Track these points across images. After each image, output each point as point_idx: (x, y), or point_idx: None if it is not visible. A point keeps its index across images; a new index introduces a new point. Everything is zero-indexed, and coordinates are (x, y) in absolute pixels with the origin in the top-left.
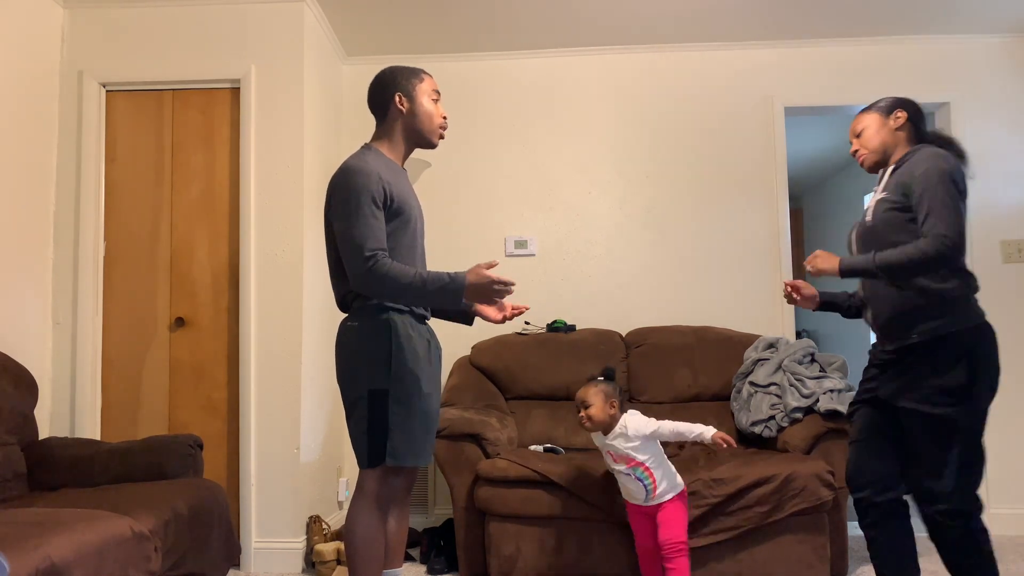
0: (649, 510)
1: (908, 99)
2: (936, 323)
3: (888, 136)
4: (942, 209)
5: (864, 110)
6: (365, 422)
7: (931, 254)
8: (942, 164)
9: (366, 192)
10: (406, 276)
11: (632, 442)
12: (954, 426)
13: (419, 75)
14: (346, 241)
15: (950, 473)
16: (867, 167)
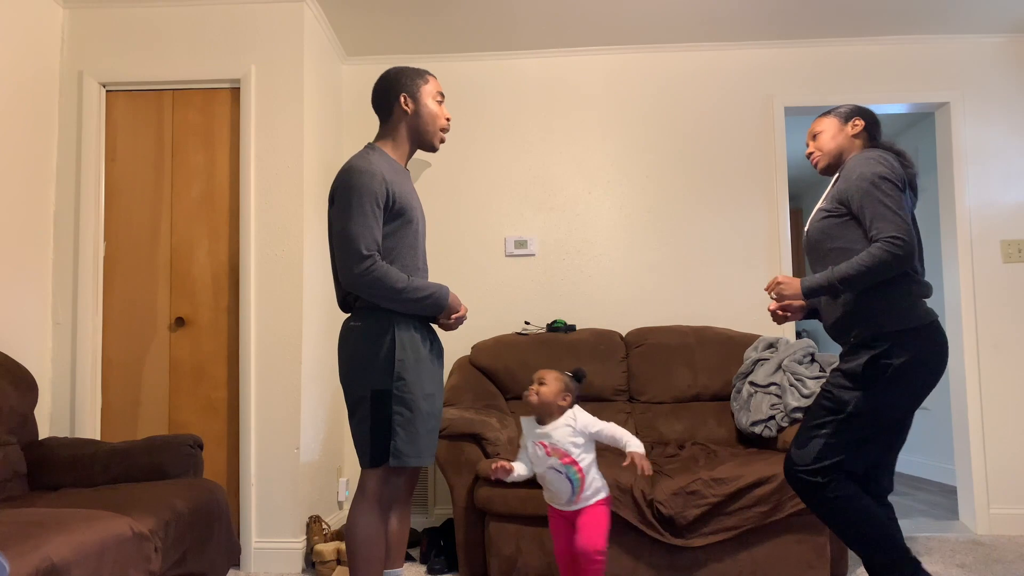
0: (570, 515)
1: (867, 109)
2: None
3: (844, 142)
4: (884, 212)
5: (823, 114)
6: (368, 422)
7: (885, 259)
8: (874, 167)
9: (368, 192)
10: (399, 281)
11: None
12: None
13: (424, 76)
14: (343, 239)
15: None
16: (820, 169)
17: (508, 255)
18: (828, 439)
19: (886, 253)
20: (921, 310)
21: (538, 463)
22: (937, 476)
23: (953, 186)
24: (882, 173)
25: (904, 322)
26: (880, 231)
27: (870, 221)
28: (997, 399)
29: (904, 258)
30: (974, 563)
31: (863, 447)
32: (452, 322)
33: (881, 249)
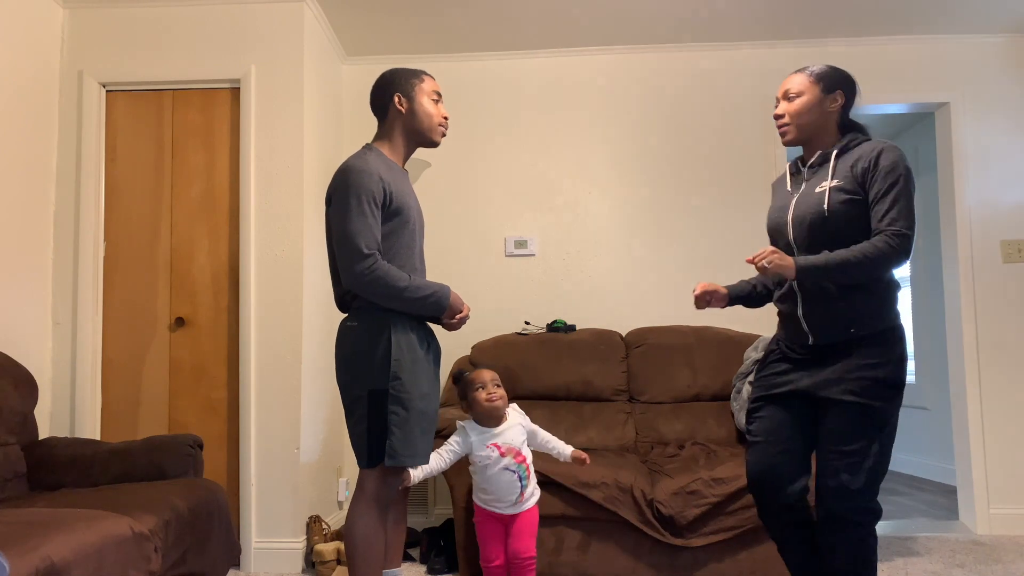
0: (506, 518)
1: (848, 77)
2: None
3: (820, 117)
4: (908, 208)
5: (801, 71)
6: (364, 422)
7: (889, 254)
8: (905, 161)
9: (366, 191)
10: (400, 280)
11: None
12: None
13: (419, 76)
14: (343, 238)
15: (866, 468)
16: (787, 141)
17: (508, 255)
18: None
19: (890, 248)
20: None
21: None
22: (937, 476)
23: (953, 186)
24: (910, 168)
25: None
26: (893, 222)
27: (888, 211)
28: (997, 399)
29: (903, 255)
30: (974, 563)
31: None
32: (455, 322)
33: (887, 243)
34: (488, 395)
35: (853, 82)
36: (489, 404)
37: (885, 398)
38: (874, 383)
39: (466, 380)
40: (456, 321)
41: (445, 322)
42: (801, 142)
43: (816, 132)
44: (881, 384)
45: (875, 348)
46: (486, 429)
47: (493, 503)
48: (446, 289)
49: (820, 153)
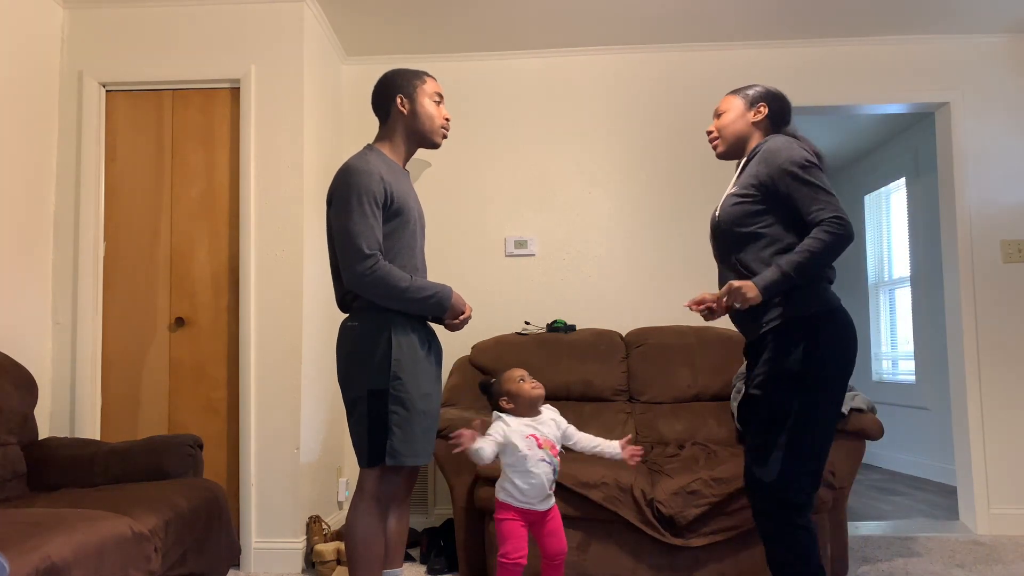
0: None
1: (777, 94)
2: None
3: (744, 128)
4: (820, 194)
5: (732, 92)
6: (365, 422)
7: (831, 241)
8: (799, 152)
9: (367, 192)
10: (402, 281)
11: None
12: (786, 412)
13: (421, 77)
14: (344, 239)
15: (776, 459)
16: (719, 153)
17: (508, 255)
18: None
19: (831, 235)
20: (829, 293)
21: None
22: (937, 476)
23: (953, 186)
24: (808, 158)
25: (816, 305)
26: (819, 214)
27: (806, 205)
28: (997, 399)
29: (847, 237)
30: (974, 563)
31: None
32: (456, 323)
33: (826, 232)
34: (533, 384)
35: (778, 97)
36: (536, 392)
37: (784, 390)
38: (772, 376)
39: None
40: (458, 322)
41: (447, 322)
42: (729, 154)
43: (742, 143)
44: (779, 376)
45: (779, 341)
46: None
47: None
48: (448, 290)
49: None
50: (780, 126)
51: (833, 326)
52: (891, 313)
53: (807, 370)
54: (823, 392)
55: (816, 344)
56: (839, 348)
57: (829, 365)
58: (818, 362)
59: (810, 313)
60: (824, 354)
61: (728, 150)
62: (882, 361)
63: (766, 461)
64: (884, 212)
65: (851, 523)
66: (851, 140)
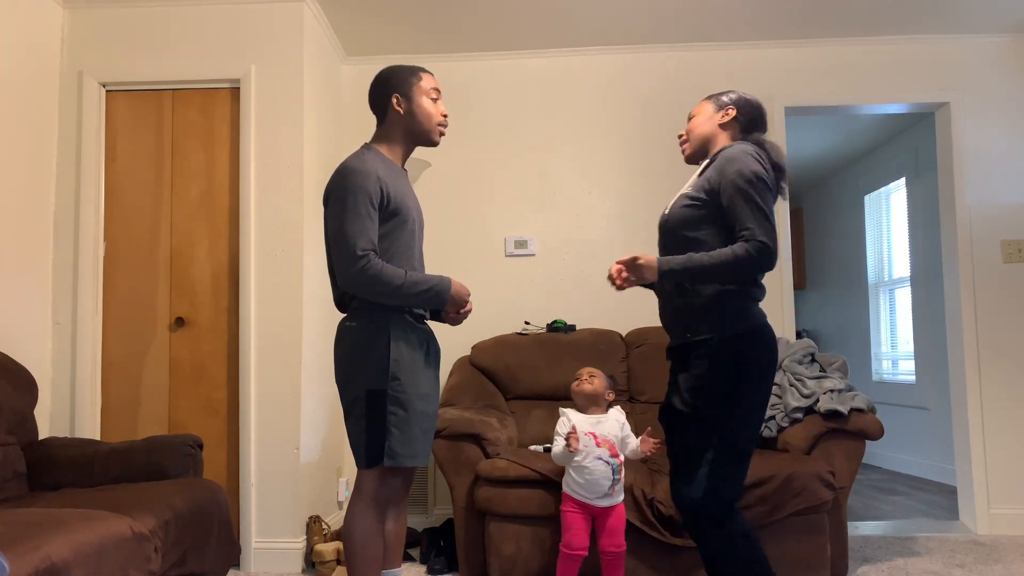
0: (597, 511)
1: (749, 100)
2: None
3: (711, 130)
4: (758, 214)
5: (707, 97)
6: (363, 422)
7: (746, 261)
8: (754, 165)
9: (363, 191)
10: (395, 278)
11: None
12: (715, 430)
13: (417, 74)
14: (338, 239)
15: (703, 475)
16: (686, 156)
17: (508, 255)
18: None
19: (749, 256)
20: (756, 311)
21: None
22: (937, 476)
23: (953, 186)
24: (760, 173)
25: (743, 324)
26: (751, 233)
27: (741, 219)
28: (997, 399)
29: (764, 267)
30: (974, 563)
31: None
32: (459, 316)
33: (746, 250)
34: (579, 383)
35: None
36: (580, 388)
37: (715, 408)
38: (703, 391)
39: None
40: (460, 315)
41: (449, 315)
42: (697, 157)
43: (708, 145)
44: (710, 392)
45: (710, 356)
46: (588, 417)
47: (584, 490)
48: (446, 281)
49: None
50: (750, 132)
51: (760, 345)
52: (891, 313)
53: (737, 389)
54: (749, 409)
55: (746, 363)
56: (765, 366)
57: (756, 383)
58: (747, 380)
59: (740, 332)
60: (753, 373)
61: (695, 153)
62: (882, 361)
63: (693, 478)
64: (884, 212)
65: (851, 523)
66: (851, 140)
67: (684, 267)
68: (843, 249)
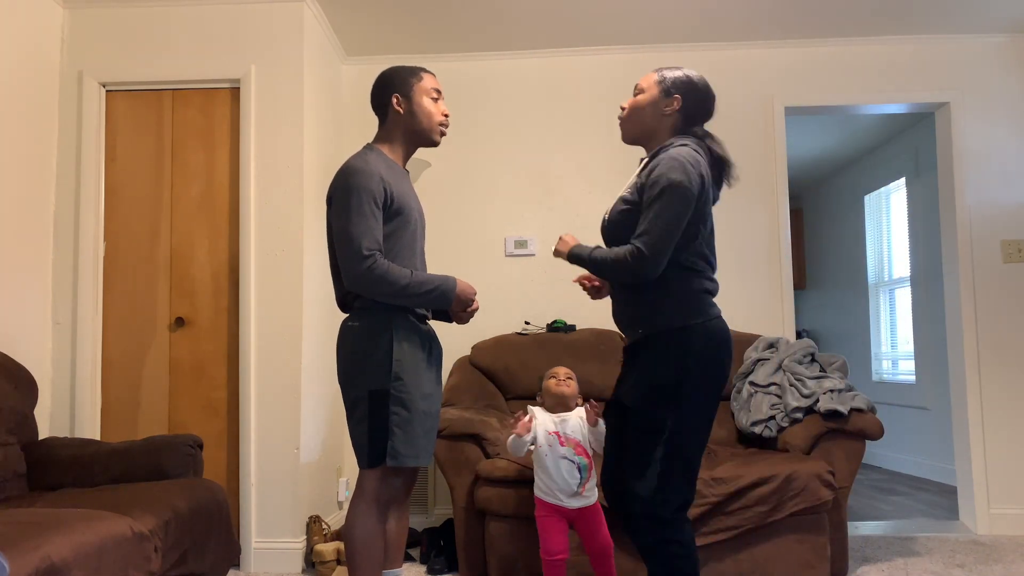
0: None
1: (699, 85)
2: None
3: (653, 119)
4: (658, 224)
5: (656, 70)
6: (366, 423)
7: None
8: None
9: (366, 191)
10: (402, 278)
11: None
12: (661, 425)
13: (418, 74)
14: (343, 239)
15: (651, 475)
16: (623, 136)
17: (508, 255)
18: (663, 464)
19: (626, 260)
20: (706, 304)
21: (549, 453)
22: (937, 476)
23: (953, 186)
24: (682, 184)
25: (690, 317)
26: (639, 239)
27: (640, 223)
28: (997, 399)
29: (638, 274)
30: (974, 563)
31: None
32: (465, 315)
33: (628, 253)
34: (556, 382)
35: (697, 90)
36: (559, 389)
37: (660, 403)
38: (649, 388)
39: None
40: (466, 313)
41: (456, 315)
42: (634, 140)
43: (647, 134)
44: (656, 389)
45: (656, 351)
46: (553, 416)
47: (554, 493)
48: (451, 281)
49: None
50: (692, 124)
51: (706, 339)
52: (891, 313)
53: (680, 382)
54: (695, 405)
55: (688, 357)
56: (711, 361)
57: (701, 378)
58: (689, 374)
59: (683, 325)
60: (696, 367)
61: (634, 138)
62: (882, 361)
63: (644, 474)
64: (884, 212)
65: (851, 523)
66: (851, 140)
67: (589, 255)
68: (843, 249)
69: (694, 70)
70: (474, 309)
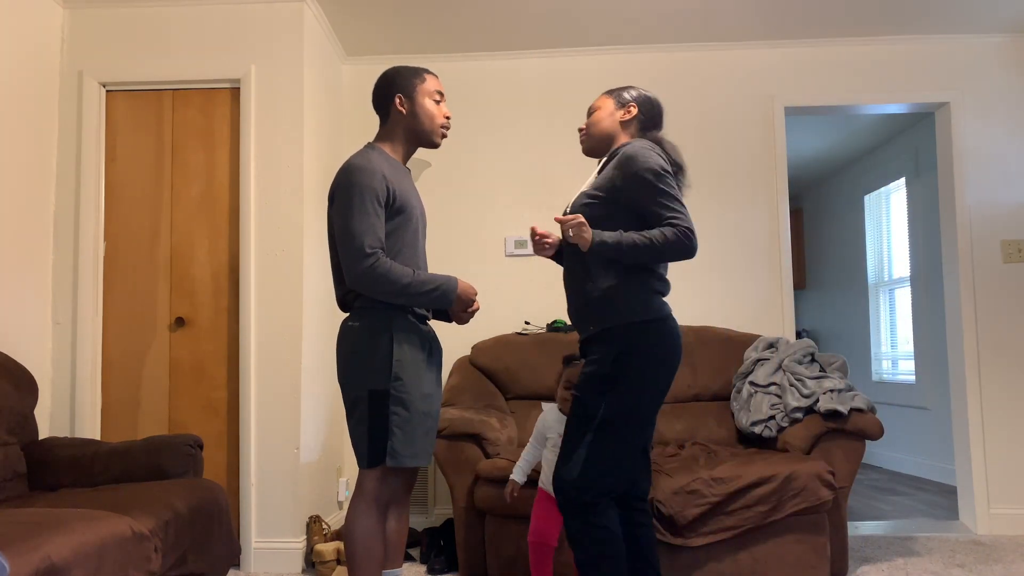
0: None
1: (649, 98)
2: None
3: (611, 126)
4: (676, 204)
5: (607, 92)
6: (365, 422)
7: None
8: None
9: (369, 189)
10: (403, 277)
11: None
12: (593, 413)
13: (421, 75)
14: (345, 237)
15: (577, 459)
16: (583, 149)
17: (508, 255)
18: (590, 449)
19: (678, 240)
20: (656, 303)
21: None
22: (937, 476)
23: (953, 186)
24: (664, 167)
25: (640, 314)
26: (678, 220)
27: (660, 213)
28: (997, 399)
29: (690, 249)
30: (974, 563)
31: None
32: (465, 315)
33: (675, 234)
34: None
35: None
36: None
37: (594, 391)
38: (587, 377)
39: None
40: (466, 314)
41: (456, 315)
42: (595, 151)
43: (607, 141)
44: (592, 378)
45: (598, 344)
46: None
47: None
48: (452, 281)
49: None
50: (648, 130)
51: (652, 335)
52: (891, 313)
53: (618, 374)
54: (632, 398)
55: (630, 350)
56: (654, 357)
57: (641, 374)
58: (629, 367)
59: (631, 322)
60: (637, 363)
61: (593, 147)
62: (882, 361)
63: (570, 458)
64: (884, 212)
65: (851, 523)
66: (851, 140)
67: (617, 241)
68: (843, 249)
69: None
70: (474, 310)
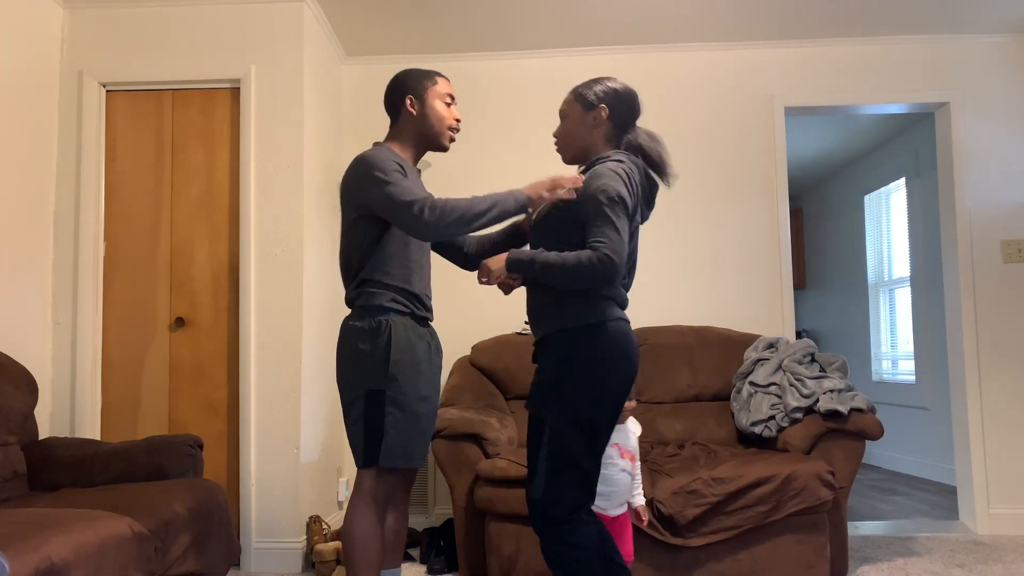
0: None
1: (618, 92)
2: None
3: (585, 134)
4: (611, 231)
5: (572, 92)
6: (362, 422)
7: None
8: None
9: (389, 162)
10: (462, 202)
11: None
12: (542, 425)
13: (432, 78)
14: (387, 204)
15: (540, 476)
16: (564, 161)
17: None
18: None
19: (593, 264)
20: (606, 308)
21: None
22: (937, 476)
23: (953, 186)
24: (621, 195)
25: (586, 319)
26: (600, 244)
27: (592, 234)
28: (997, 399)
29: (603, 280)
30: (974, 563)
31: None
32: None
33: (591, 258)
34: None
35: (620, 95)
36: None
37: (541, 402)
38: (534, 388)
39: None
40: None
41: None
42: (574, 160)
43: (584, 150)
44: (538, 388)
45: (546, 351)
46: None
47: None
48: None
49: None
50: (624, 129)
51: (593, 338)
52: (891, 313)
53: (559, 382)
54: (575, 405)
55: (569, 356)
56: (594, 359)
57: (584, 378)
58: (571, 373)
59: (574, 326)
60: (577, 367)
61: (572, 157)
62: (882, 361)
63: (534, 476)
64: (884, 212)
65: (851, 523)
66: (851, 140)
67: (531, 259)
68: (843, 249)
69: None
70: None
